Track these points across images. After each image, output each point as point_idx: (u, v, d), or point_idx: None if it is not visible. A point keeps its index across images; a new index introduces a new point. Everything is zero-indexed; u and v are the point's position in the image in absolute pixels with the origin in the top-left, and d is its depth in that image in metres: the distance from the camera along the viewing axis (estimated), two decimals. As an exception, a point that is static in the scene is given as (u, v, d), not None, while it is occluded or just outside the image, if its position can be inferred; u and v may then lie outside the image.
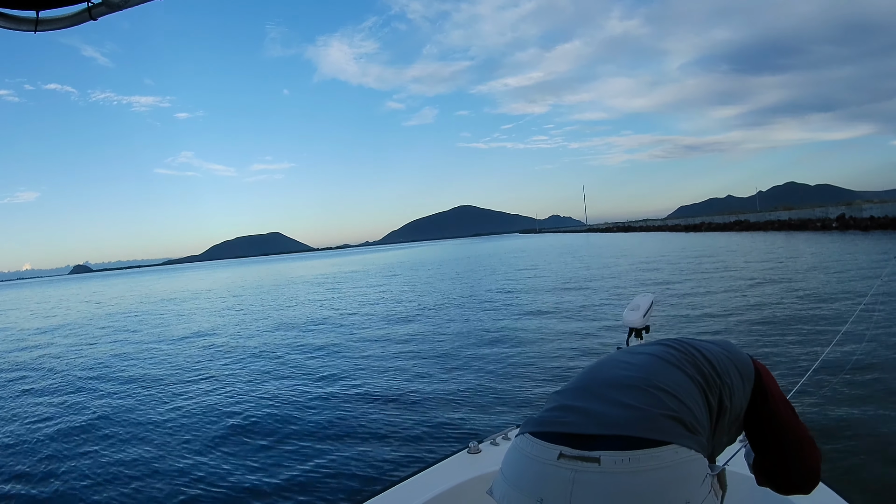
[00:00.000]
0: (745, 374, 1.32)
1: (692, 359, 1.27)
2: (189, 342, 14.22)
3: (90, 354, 13.73)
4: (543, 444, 1.10)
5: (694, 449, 1.05)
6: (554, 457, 1.07)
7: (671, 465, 1.01)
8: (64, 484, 5.43)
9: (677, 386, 1.17)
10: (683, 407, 1.12)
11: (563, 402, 1.19)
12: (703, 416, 1.15)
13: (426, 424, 6.15)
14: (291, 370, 9.69)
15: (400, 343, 11.42)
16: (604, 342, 9.61)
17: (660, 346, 1.33)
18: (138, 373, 10.71)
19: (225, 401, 7.95)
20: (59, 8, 1.14)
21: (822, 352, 2.91)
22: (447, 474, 2.09)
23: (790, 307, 11.46)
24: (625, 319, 2.36)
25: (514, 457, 1.15)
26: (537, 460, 1.09)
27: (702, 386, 1.20)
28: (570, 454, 1.05)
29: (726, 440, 1.29)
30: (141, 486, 5.15)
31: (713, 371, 1.25)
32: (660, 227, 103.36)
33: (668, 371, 1.21)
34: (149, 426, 7.05)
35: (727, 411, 1.23)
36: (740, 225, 66.71)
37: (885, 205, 43.44)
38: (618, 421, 1.07)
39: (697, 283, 16.95)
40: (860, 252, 23.47)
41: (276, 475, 5.12)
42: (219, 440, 6.26)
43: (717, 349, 1.35)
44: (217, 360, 11.41)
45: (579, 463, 1.04)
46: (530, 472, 1.09)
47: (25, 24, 1.13)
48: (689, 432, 1.08)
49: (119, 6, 1.17)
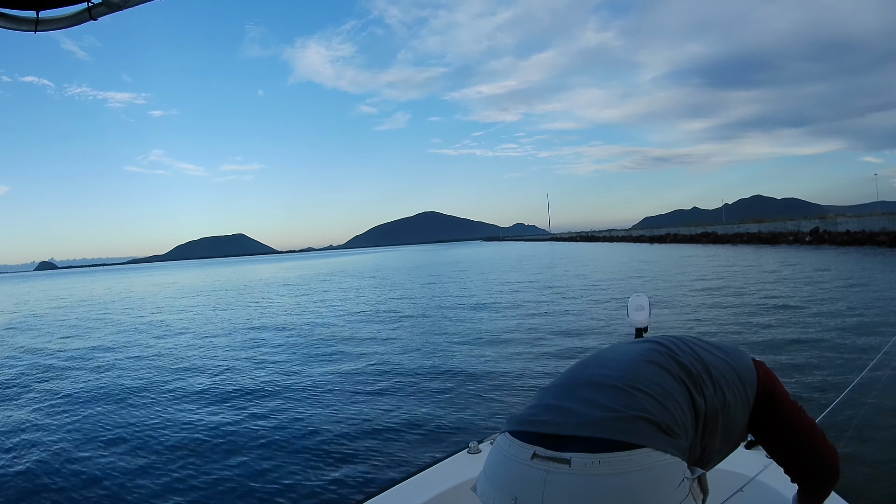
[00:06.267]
0: (745, 379, 1.29)
1: (680, 358, 1.24)
2: (192, 338, 14.45)
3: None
4: (519, 443, 1.11)
5: (669, 452, 1.03)
6: (528, 457, 1.07)
7: (642, 469, 1.00)
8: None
9: (657, 386, 1.14)
10: (661, 408, 1.10)
11: (543, 401, 1.18)
12: (686, 418, 1.13)
13: (426, 424, 6.15)
14: (290, 371, 9.52)
15: (399, 343, 11.43)
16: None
17: (649, 344, 1.30)
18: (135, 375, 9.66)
19: (225, 401, 7.83)
20: (59, 8, 1.15)
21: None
22: (447, 474, 2.08)
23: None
24: (631, 320, 2.37)
25: (494, 455, 1.16)
26: (513, 459, 1.10)
27: (687, 387, 1.17)
28: (543, 454, 1.06)
29: (724, 446, 1.26)
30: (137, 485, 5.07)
31: (703, 372, 1.23)
32: (624, 237, 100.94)
33: (650, 370, 1.19)
34: (147, 426, 6.84)
35: (718, 414, 1.20)
36: (707, 237, 64.60)
37: (862, 219, 40.92)
38: (591, 422, 1.07)
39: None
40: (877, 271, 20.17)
41: (275, 476, 5.07)
42: (219, 440, 6.11)
43: (714, 350, 1.33)
44: (216, 358, 11.18)
45: (551, 464, 1.04)
46: (506, 471, 1.10)
47: (25, 24, 1.14)
48: (664, 435, 1.06)
49: (119, 6, 1.18)
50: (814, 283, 17.66)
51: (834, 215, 47.40)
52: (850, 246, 36.23)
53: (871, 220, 39.48)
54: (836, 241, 39.08)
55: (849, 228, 40.56)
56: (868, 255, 28.42)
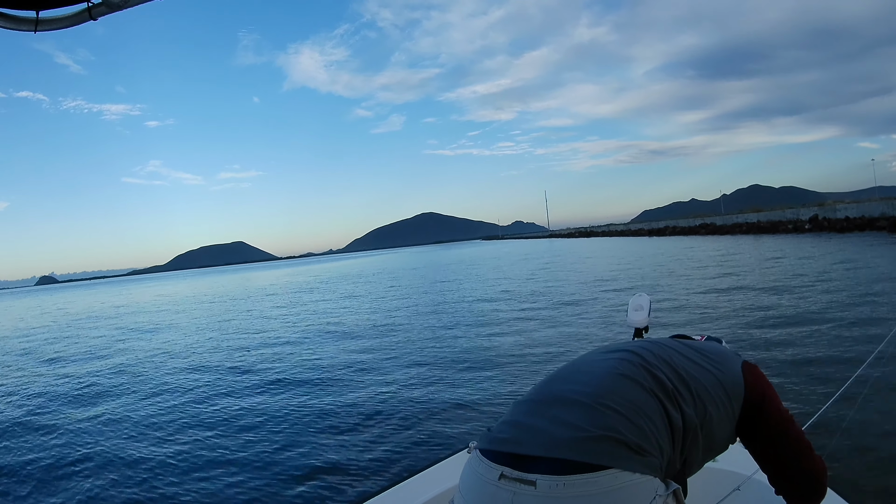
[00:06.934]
0: (731, 389, 1.26)
1: (654, 371, 1.20)
2: (202, 343, 14.65)
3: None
4: (487, 463, 1.09)
5: (638, 472, 1.01)
6: (496, 477, 1.06)
7: (609, 490, 0.98)
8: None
9: (628, 403, 1.11)
10: (631, 426, 1.06)
11: (513, 417, 1.17)
12: (661, 435, 1.09)
13: (426, 425, 6.12)
14: (289, 372, 9.56)
15: (398, 344, 11.40)
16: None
17: (623, 354, 1.26)
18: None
19: (225, 401, 7.85)
20: (59, 8, 1.14)
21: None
22: (447, 474, 2.06)
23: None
24: (630, 320, 2.35)
25: (467, 472, 1.14)
26: (482, 479, 1.08)
27: (661, 401, 1.14)
28: (511, 475, 1.04)
29: (708, 453, 1.24)
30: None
31: (680, 385, 1.19)
32: (623, 231, 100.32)
33: (621, 385, 1.15)
34: (146, 424, 7.08)
35: (699, 427, 1.17)
36: (706, 228, 64.18)
37: (861, 205, 40.58)
38: (557, 443, 1.05)
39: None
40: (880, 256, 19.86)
41: (275, 476, 5.06)
42: (218, 440, 6.16)
43: (696, 358, 1.29)
44: (217, 363, 11.26)
45: (518, 485, 1.03)
46: (477, 491, 1.09)
47: (25, 24, 1.13)
48: (634, 454, 1.03)
49: (119, 6, 1.17)
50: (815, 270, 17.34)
51: (833, 202, 47.03)
52: (851, 232, 35.93)
53: (870, 206, 39.14)
54: (836, 227, 38.77)
55: (848, 215, 40.26)
56: (866, 240, 28.08)
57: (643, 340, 1.37)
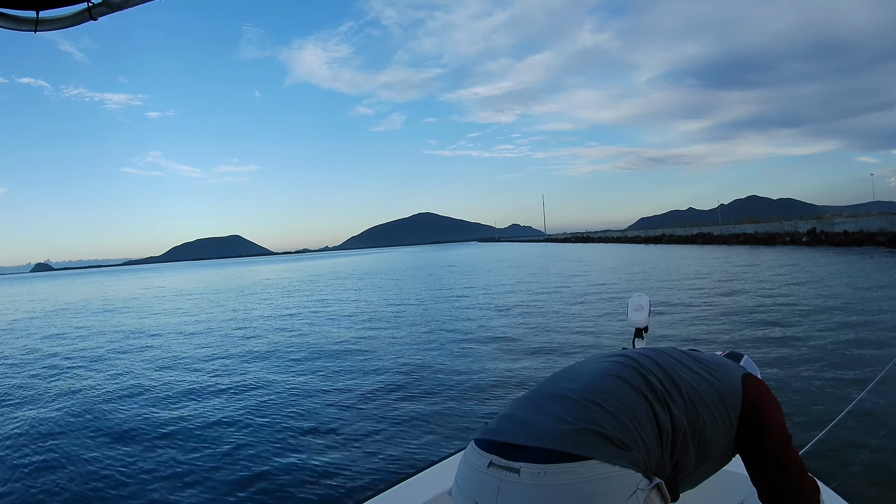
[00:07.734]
0: (728, 398, 1.28)
1: (646, 373, 1.24)
2: (202, 337, 14.74)
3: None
4: (479, 451, 1.14)
5: (619, 465, 1.04)
6: (485, 465, 1.11)
7: (588, 480, 1.02)
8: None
9: (614, 399, 1.15)
10: (614, 421, 1.10)
11: (509, 412, 1.22)
12: (646, 432, 1.12)
13: (426, 424, 6.17)
14: (289, 371, 9.52)
15: (397, 344, 11.43)
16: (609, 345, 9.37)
17: (619, 358, 1.31)
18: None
19: (225, 401, 7.76)
20: (59, 8, 1.15)
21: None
22: (447, 474, 1.99)
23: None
24: (630, 320, 2.36)
25: (462, 462, 1.20)
26: (474, 467, 1.13)
27: (649, 401, 1.17)
28: (498, 463, 1.09)
29: (706, 463, 1.25)
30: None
31: (671, 387, 1.22)
32: (619, 238, 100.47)
33: (610, 384, 1.20)
34: (144, 423, 6.91)
35: (689, 431, 1.19)
36: (703, 238, 64.25)
37: (859, 219, 40.58)
38: (543, 433, 1.09)
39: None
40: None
41: (275, 476, 5.04)
42: (218, 440, 6.10)
43: (694, 366, 1.32)
44: (214, 359, 11.16)
45: (504, 472, 1.07)
46: (469, 478, 1.14)
47: (25, 24, 1.14)
48: (614, 447, 1.06)
49: (119, 6, 1.18)
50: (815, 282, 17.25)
51: (831, 215, 47.09)
52: (849, 246, 35.89)
53: (868, 221, 39.19)
54: (834, 241, 38.73)
55: (846, 229, 40.24)
56: (866, 256, 28.05)
57: (644, 348, 1.41)
